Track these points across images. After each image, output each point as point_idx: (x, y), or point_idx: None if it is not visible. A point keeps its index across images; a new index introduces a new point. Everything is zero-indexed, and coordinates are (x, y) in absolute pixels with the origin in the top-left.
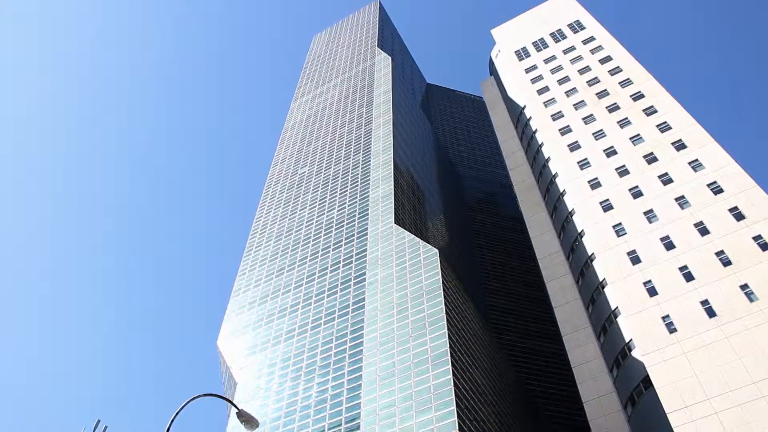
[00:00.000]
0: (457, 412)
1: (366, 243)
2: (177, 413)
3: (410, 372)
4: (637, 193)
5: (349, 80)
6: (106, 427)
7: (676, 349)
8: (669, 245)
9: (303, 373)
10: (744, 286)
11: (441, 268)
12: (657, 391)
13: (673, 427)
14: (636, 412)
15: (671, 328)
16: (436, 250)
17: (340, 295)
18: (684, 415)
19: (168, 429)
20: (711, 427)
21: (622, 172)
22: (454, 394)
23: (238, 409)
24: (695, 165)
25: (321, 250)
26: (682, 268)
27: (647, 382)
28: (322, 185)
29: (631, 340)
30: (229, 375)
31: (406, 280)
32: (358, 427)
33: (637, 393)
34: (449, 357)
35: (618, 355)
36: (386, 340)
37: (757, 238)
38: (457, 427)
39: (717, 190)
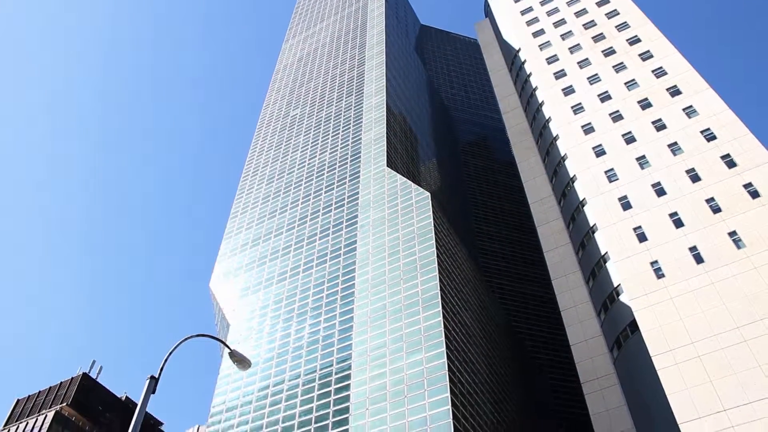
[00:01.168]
0: (447, 353)
1: (358, 186)
2: (170, 353)
3: (401, 314)
4: (630, 139)
5: (342, 21)
6: (101, 367)
7: (663, 294)
8: (660, 191)
9: (295, 315)
10: (732, 233)
11: (433, 212)
12: (643, 334)
13: (657, 369)
14: (622, 355)
15: (659, 273)
16: (428, 194)
17: (332, 237)
18: (668, 358)
19: (161, 368)
20: (694, 370)
21: (616, 117)
22: (444, 336)
23: (230, 349)
24: (689, 111)
25: (313, 193)
26: (672, 215)
27: (634, 325)
28: (314, 128)
29: (619, 284)
30: (222, 316)
31: (398, 223)
32: (350, 368)
33: (624, 336)
34: (440, 299)
35: (606, 300)
36: (377, 282)
37: (747, 185)
38: (447, 368)
39: (710, 137)
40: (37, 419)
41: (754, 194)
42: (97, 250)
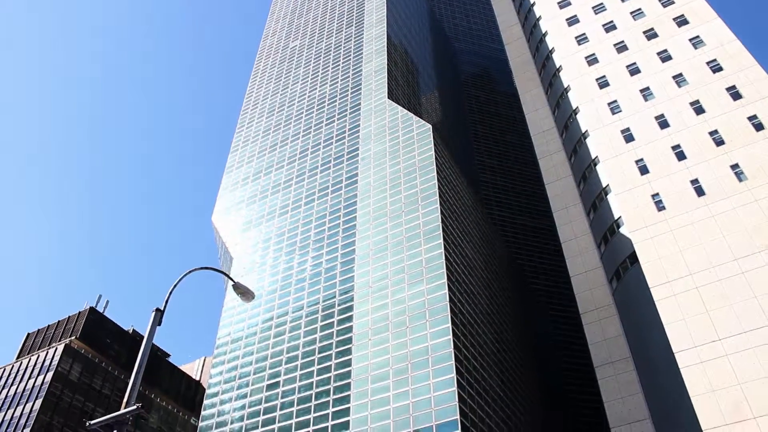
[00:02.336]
0: (448, 284)
1: (359, 118)
2: (174, 286)
3: (402, 246)
4: (634, 70)
5: None
6: (108, 301)
7: (663, 226)
8: (663, 124)
9: (297, 248)
10: (734, 166)
11: (434, 144)
12: (642, 266)
13: (655, 300)
14: (621, 286)
15: (660, 206)
16: (430, 126)
17: (333, 170)
18: (666, 290)
19: (166, 301)
20: (691, 301)
21: (621, 48)
22: (445, 267)
23: (234, 281)
24: (696, 42)
25: (314, 126)
26: (675, 147)
27: (633, 257)
28: (314, 59)
29: (619, 217)
30: (225, 250)
31: (399, 156)
32: (352, 300)
33: (623, 268)
34: (441, 231)
35: (606, 232)
36: (379, 214)
37: (752, 118)
38: (448, 299)
39: (716, 68)
40: (47, 352)
41: (759, 126)
42: (100, 186)
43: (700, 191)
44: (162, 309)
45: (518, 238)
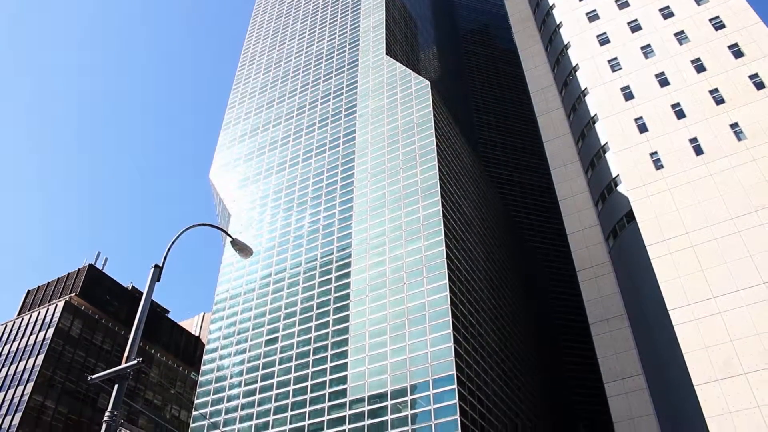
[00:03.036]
0: (445, 241)
1: (357, 74)
2: (173, 242)
3: (400, 203)
4: (635, 27)
5: None
6: (106, 258)
7: (661, 185)
8: (663, 81)
9: (295, 205)
10: (734, 125)
11: (432, 101)
12: (639, 224)
13: (651, 258)
14: (617, 244)
15: (658, 164)
16: (428, 82)
17: (330, 127)
18: (662, 248)
19: (165, 257)
20: (686, 259)
21: (622, 4)
22: (442, 225)
23: (232, 238)
24: None
25: (311, 82)
26: (675, 105)
27: (630, 216)
28: (311, 14)
29: (617, 175)
30: (223, 207)
31: (397, 112)
32: (350, 256)
33: (620, 226)
34: (439, 188)
35: (604, 190)
36: (377, 171)
37: (753, 76)
38: (445, 256)
39: (719, 25)
40: (48, 308)
41: (759, 85)
42: (98, 143)
43: (698, 150)
44: (161, 265)
45: (516, 195)
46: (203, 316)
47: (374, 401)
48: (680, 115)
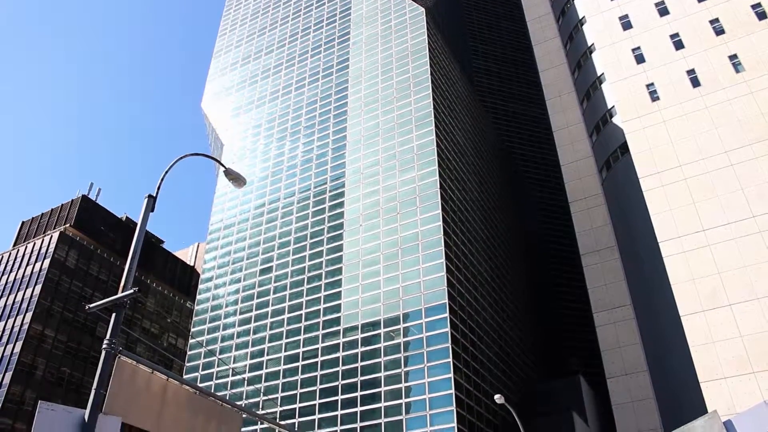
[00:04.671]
0: (439, 171)
1: (350, 1)
2: (166, 172)
3: (394, 132)
4: None
5: None
6: (99, 189)
7: (656, 117)
8: (663, 11)
9: (288, 134)
10: (733, 57)
11: (427, 28)
12: (632, 156)
13: (643, 190)
14: (610, 176)
15: (654, 96)
16: (423, 9)
17: (323, 55)
18: (655, 180)
19: (158, 188)
20: (678, 192)
21: None
22: (436, 154)
23: (225, 167)
24: None
25: (303, 8)
26: (673, 36)
27: (624, 148)
28: None
29: (613, 106)
30: (215, 137)
31: (391, 40)
32: (343, 186)
33: (614, 158)
34: (433, 118)
35: (599, 121)
36: (370, 100)
37: (755, 6)
38: (438, 186)
39: None
40: (43, 239)
41: (761, 15)
42: (88, 73)
43: (695, 82)
44: (154, 195)
45: (510, 126)
46: (198, 246)
47: (367, 329)
48: (679, 45)
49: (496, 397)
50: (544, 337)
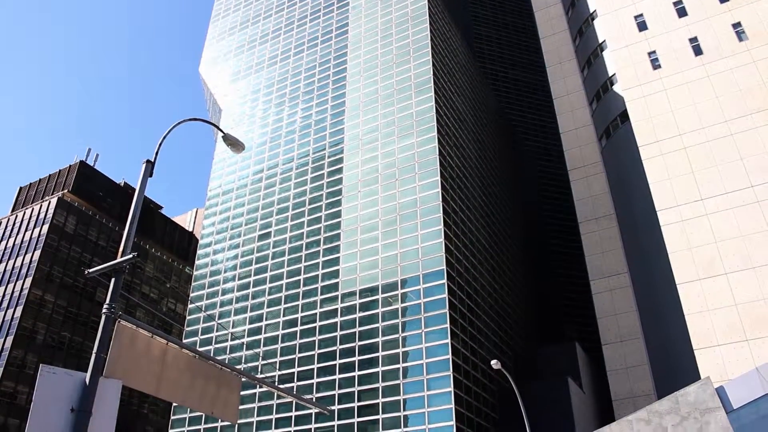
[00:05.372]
0: (438, 137)
1: None
2: (164, 137)
3: (393, 98)
4: None
5: None
6: (97, 155)
7: (657, 85)
8: None
9: (287, 99)
10: (736, 25)
11: None
12: (633, 125)
13: (642, 159)
14: (610, 144)
15: (656, 64)
16: None
17: (322, 19)
18: (654, 149)
19: (157, 152)
20: (678, 161)
21: None
22: (435, 121)
23: (223, 133)
24: None
25: None
26: (677, 3)
27: (624, 116)
28: None
29: (614, 74)
30: (214, 102)
31: (391, 5)
32: (342, 152)
33: (614, 126)
34: (432, 84)
35: (599, 89)
36: (370, 66)
37: None
38: (437, 152)
39: None
40: (41, 205)
41: None
42: (86, 37)
43: (697, 50)
44: (152, 160)
45: (510, 93)
46: (196, 211)
47: (365, 295)
48: (682, 13)
49: (493, 362)
50: (541, 304)
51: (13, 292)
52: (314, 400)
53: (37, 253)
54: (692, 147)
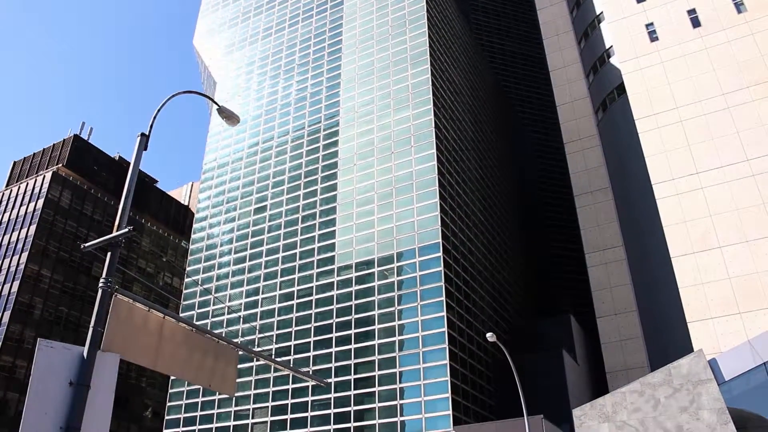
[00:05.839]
0: (434, 110)
1: None
2: (158, 110)
3: (389, 70)
4: None
5: None
6: (91, 128)
7: (654, 57)
8: None
9: (282, 72)
10: None
11: None
12: (629, 97)
13: (639, 132)
14: (606, 117)
15: (653, 36)
16: None
17: None
18: (651, 122)
19: (151, 125)
20: (674, 134)
21: None
22: (431, 93)
23: (218, 105)
24: None
25: None
26: None
27: (621, 89)
28: None
29: (611, 46)
30: (208, 75)
31: None
32: (337, 125)
33: (610, 99)
34: (428, 56)
35: (596, 62)
36: (365, 38)
37: None
38: (434, 125)
39: None
40: (36, 179)
41: None
42: (77, 8)
43: (696, 22)
44: (147, 134)
45: (507, 65)
46: (192, 185)
47: (361, 268)
48: None
49: (488, 335)
50: (536, 278)
51: (9, 266)
52: (311, 372)
53: (33, 227)
54: (689, 120)
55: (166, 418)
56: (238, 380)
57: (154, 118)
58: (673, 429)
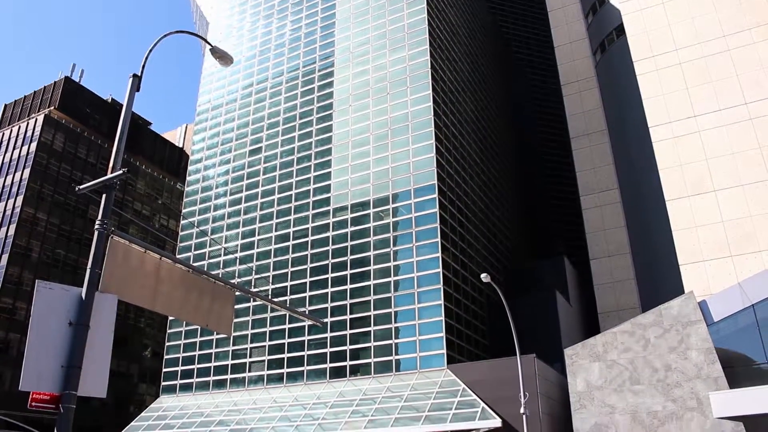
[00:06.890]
0: (430, 50)
1: None
2: (150, 50)
3: (384, 10)
4: None
5: None
6: (83, 70)
7: None
8: None
9: (275, 12)
10: None
11: None
12: (628, 38)
13: (637, 74)
14: (604, 59)
15: None
16: None
17: None
18: (649, 64)
19: (143, 66)
20: (673, 77)
21: None
22: (427, 33)
23: (211, 45)
24: None
25: None
26: None
27: (620, 30)
28: None
29: None
30: (201, 15)
31: None
32: (332, 65)
33: (609, 40)
34: None
35: (596, 2)
36: None
37: None
38: (430, 66)
39: None
40: (28, 123)
41: None
42: None
43: None
44: (139, 75)
45: (504, 5)
46: (186, 127)
47: (357, 209)
48: None
49: (483, 275)
50: (531, 220)
51: (5, 210)
52: (307, 313)
53: (27, 171)
54: (688, 62)
55: (165, 357)
56: (236, 320)
57: (146, 58)
58: (662, 367)
